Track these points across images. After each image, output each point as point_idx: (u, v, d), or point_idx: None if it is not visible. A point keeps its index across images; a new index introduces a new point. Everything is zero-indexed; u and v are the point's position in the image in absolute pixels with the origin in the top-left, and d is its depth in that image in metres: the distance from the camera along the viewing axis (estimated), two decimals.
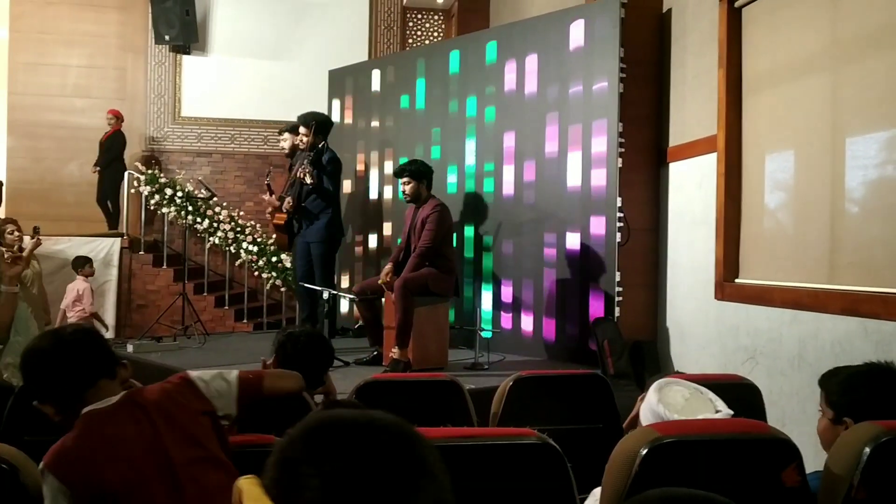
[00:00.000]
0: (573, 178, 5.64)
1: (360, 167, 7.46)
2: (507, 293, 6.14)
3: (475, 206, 6.38)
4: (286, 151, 6.63)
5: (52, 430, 2.56)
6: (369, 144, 7.39)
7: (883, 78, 3.57)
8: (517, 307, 6.05)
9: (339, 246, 6.50)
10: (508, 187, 6.13)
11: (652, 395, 1.94)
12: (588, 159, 5.53)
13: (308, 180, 5.83)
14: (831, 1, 3.92)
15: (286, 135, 6.62)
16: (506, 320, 6.13)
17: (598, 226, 5.47)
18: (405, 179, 5.46)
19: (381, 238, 7.24)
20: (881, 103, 3.57)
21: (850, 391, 2.03)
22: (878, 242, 3.55)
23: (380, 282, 5.30)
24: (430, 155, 6.55)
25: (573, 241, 5.63)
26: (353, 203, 7.51)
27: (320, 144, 6.12)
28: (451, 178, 6.56)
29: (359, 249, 7.44)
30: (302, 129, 6.11)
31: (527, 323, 5.98)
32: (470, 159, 6.43)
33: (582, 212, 5.58)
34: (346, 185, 7.46)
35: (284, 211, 6.16)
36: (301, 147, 6.12)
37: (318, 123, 6.10)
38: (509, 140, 6.14)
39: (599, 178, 5.45)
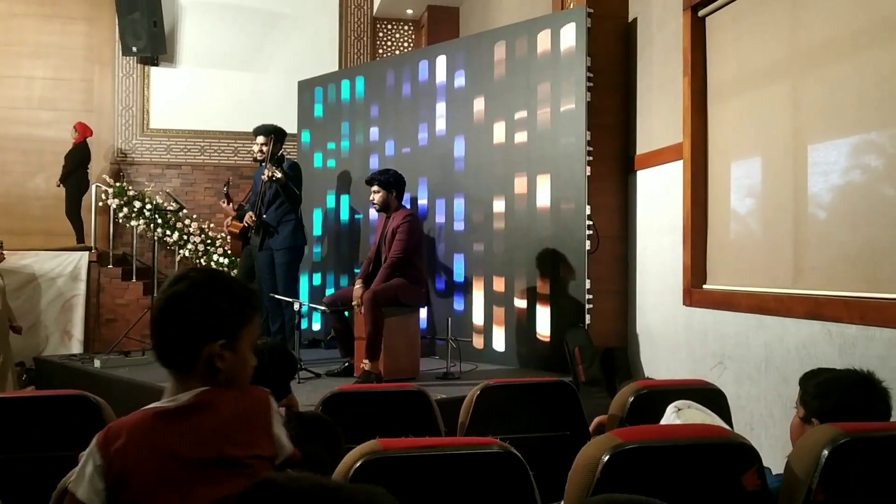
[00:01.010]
0: (542, 186, 5.67)
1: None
2: (478, 302, 6.15)
3: (444, 214, 6.40)
4: (256, 156, 6.52)
5: (12, 448, 2.52)
6: (339, 152, 7.39)
7: (842, 86, 3.63)
8: (489, 316, 6.06)
9: (303, 255, 6.46)
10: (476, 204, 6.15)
11: (671, 415, 1.98)
12: (557, 168, 5.56)
13: (278, 174, 5.81)
14: (791, 10, 3.98)
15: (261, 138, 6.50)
16: (478, 329, 6.13)
17: (567, 232, 5.50)
18: (375, 188, 5.45)
19: (354, 247, 7.22)
20: (841, 111, 3.63)
21: (823, 395, 2.07)
22: (840, 247, 3.60)
23: (353, 303, 5.25)
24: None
25: (543, 247, 5.65)
26: (328, 211, 7.49)
27: (279, 153, 6.12)
28: (421, 201, 6.58)
29: (331, 258, 7.42)
30: (260, 139, 6.10)
31: (499, 332, 5.98)
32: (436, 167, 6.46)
33: (553, 224, 5.60)
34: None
35: (246, 224, 6.12)
36: (259, 157, 6.11)
37: (276, 133, 6.10)
38: (478, 150, 6.16)
39: (569, 185, 5.48)
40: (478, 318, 6.14)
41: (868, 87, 3.46)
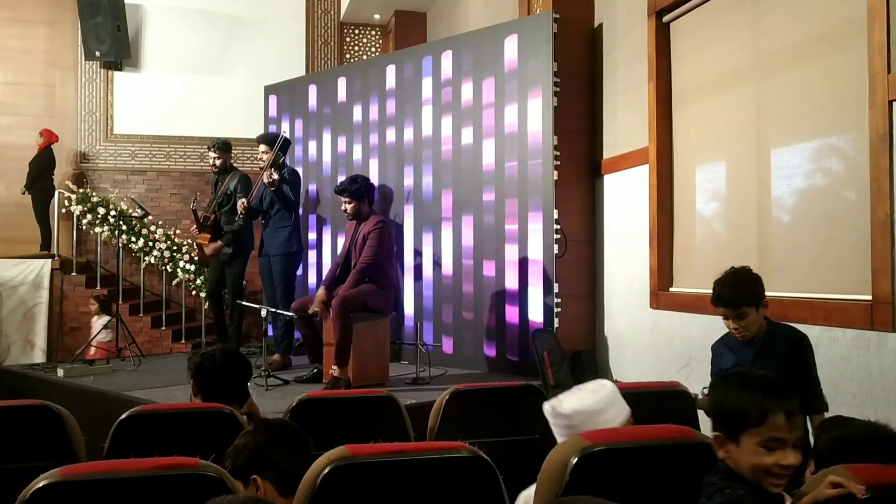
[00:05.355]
0: (510, 190, 5.68)
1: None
2: (447, 308, 6.14)
3: (415, 220, 6.39)
4: (216, 169, 6.46)
5: None
6: (306, 156, 7.35)
7: (803, 91, 3.69)
8: (458, 321, 6.06)
9: (300, 261, 6.44)
10: (447, 210, 6.15)
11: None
12: (525, 173, 5.58)
13: (275, 176, 5.75)
14: (754, 16, 4.04)
15: (217, 152, 6.43)
16: (447, 334, 6.12)
17: (535, 236, 5.52)
18: (346, 199, 5.41)
19: (320, 253, 7.18)
20: (802, 115, 3.69)
21: (830, 452, 1.92)
22: (803, 250, 3.66)
23: (311, 311, 5.22)
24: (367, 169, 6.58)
25: (511, 252, 5.67)
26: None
27: (280, 161, 6.06)
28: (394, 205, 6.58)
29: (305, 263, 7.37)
30: (262, 148, 6.06)
31: (468, 336, 5.98)
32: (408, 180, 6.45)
33: (521, 228, 5.62)
34: None
35: (238, 211, 6.03)
36: (260, 167, 6.08)
37: (276, 142, 6.04)
38: (446, 156, 6.17)
39: (536, 192, 5.50)
40: (447, 322, 6.13)
41: (828, 91, 3.53)
